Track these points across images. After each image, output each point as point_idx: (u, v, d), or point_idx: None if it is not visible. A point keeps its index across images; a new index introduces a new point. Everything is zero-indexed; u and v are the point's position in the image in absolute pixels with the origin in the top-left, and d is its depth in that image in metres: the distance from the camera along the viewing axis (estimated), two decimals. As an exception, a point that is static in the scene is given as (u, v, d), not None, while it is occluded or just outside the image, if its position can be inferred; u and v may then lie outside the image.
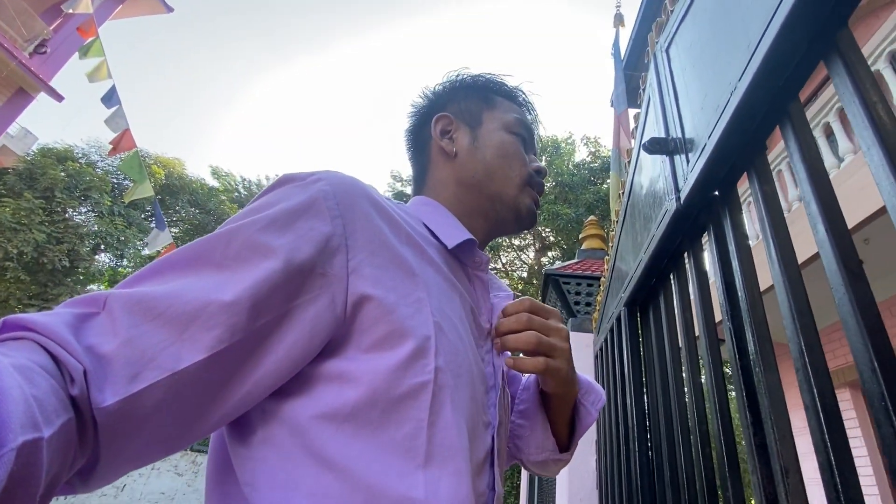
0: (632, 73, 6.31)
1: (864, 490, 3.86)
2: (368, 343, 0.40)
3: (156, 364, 0.31)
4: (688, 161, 0.93)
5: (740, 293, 0.77)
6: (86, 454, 0.29)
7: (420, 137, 0.64)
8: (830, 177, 3.42)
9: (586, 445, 1.95)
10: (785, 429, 0.66)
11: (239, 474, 0.39)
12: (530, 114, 0.67)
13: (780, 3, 0.59)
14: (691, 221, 1.01)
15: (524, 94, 0.67)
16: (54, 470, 0.25)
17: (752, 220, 4.28)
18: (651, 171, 1.26)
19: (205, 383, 0.33)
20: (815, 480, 0.55)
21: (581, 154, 15.63)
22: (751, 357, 0.73)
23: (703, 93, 0.87)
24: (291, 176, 0.44)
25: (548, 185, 14.78)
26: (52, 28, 6.40)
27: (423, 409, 0.39)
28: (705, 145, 0.83)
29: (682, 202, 0.95)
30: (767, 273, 0.89)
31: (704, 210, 0.95)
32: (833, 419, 0.55)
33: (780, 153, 4.04)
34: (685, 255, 1.07)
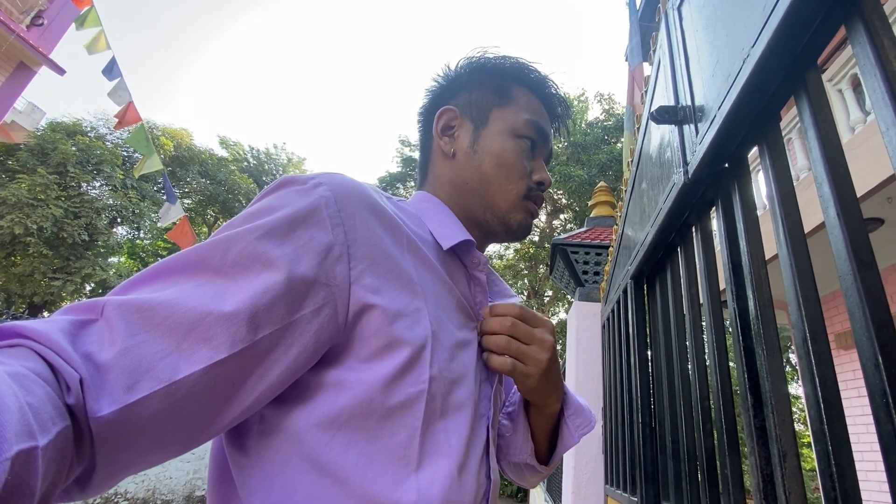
0: (648, 25, 5.97)
1: (866, 454, 3.91)
2: (367, 353, 0.40)
3: (153, 374, 0.30)
4: (697, 132, 0.89)
5: (746, 274, 0.75)
6: (83, 462, 0.29)
7: (428, 122, 0.62)
8: (856, 132, 3.28)
9: (593, 411, 1.99)
10: (785, 413, 0.65)
11: (237, 479, 0.40)
12: (555, 110, 0.62)
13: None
14: (699, 195, 0.97)
15: (554, 85, 0.61)
16: (50, 478, 0.25)
17: (759, 191, 4.14)
18: (660, 140, 1.20)
19: (204, 394, 0.33)
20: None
21: (594, 112, 15.14)
22: (754, 339, 0.72)
23: (714, 58, 0.81)
24: (291, 179, 0.43)
25: (560, 145, 14.41)
26: (46, -2, 6.25)
27: (416, 418, 0.40)
28: (715, 116, 0.78)
29: (689, 176, 0.91)
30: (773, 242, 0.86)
31: (713, 184, 0.91)
32: (834, 410, 0.53)
33: (791, 121, 3.85)
34: (693, 228, 1.04)
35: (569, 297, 2.61)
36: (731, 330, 0.80)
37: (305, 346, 0.37)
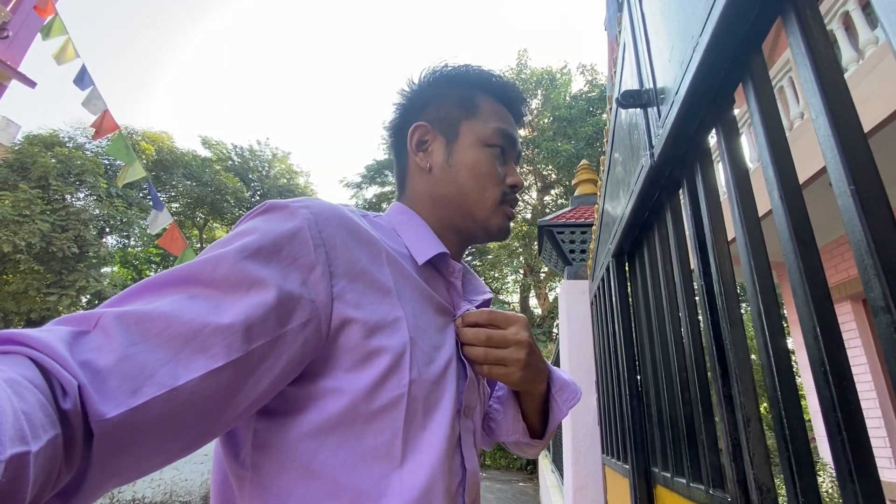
0: (624, -8, 5.89)
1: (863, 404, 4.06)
2: (350, 363, 0.44)
3: (155, 380, 0.32)
4: (659, 115, 0.91)
5: (710, 252, 0.78)
6: (71, 470, 0.29)
7: (400, 137, 0.63)
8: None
9: (586, 385, 2.06)
10: (748, 382, 0.69)
11: (236, 488, 0.43)
12: (519, 112, 0.64)
13: (736, -48, 0.55)
14: (667, 176, 1.00)
15: (515, 89, 0.64)
16: (38, 486, 0.25)
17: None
18: (629, 121, 1.23)
19: (201, 400, 0.34)
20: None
21: (578, 84, 14.99)
22: (719, 313, 0.76)
23: (670, 44, 0.83)
24: (275, 204, 0.46)
25: (545, 120, 14.31)
26: (8, 9, 6.04)
27: (398, 419, 0.44)
28: (673, 101, 0.81)
29: (655, 159, 0.94)
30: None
31: (679, 165, 0.94)
32: (786, 378, 0.58)
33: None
34: (665, 207, 1.07)
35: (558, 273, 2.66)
36: (700, 305, 0.85)
37: (293, 357, 0.40)
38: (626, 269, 1.45)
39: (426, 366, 0.48)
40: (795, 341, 5.42)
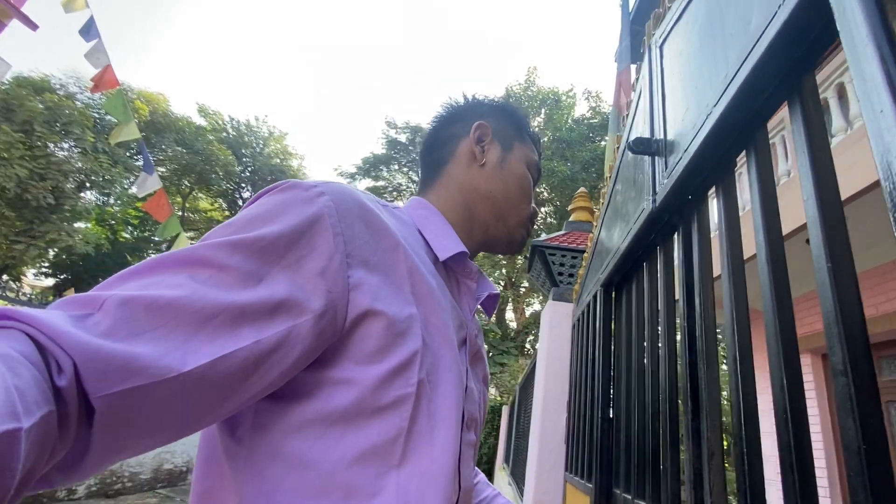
0: (639, 28, 6.08)
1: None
2: (361, 355, 0.43)
3: (161, 364, 0.31)
4: (666, 166, 0.99)
5: (697, 297, 0.86)
6: (66, 446, 0.29)
7: (448, 131, 0.67)
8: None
9: (560, 401, 2.14)
10: (716, 419, 0.77)
11: (228, 466, 0.42)
12: (540, 162, 0.74)
13: (757, 41, 0.63)
14: (664, 221, 1.08)
15: (541, 147, 0.75)
16: (30, 462, 0.25)
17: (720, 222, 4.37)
18: (636, 163, 1.31)
19: (205, 386, 0.34)
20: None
21: (581, 109, 15.32)
22: (698, 354, 0.83)
23: (685, 104, 0.91)
24: (295, 184, 0.45)
25: (545, 139, 14.55)
26: (19, -54, 5.87)
27: (404, 418, 0.43)
28: (681, 157, 0.88)
29: (656, 204, 1.02)
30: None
31: (677, 213, 1.02)
32: (751, 417, 0.65)
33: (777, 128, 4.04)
34: (658, 249, 1.15)
35: (542, 293, 2.75)
36: (680, 343, 0.92)
37: (307, 347, 0.39)
38: (613, 299, 1.54)
39: (435, 366, 0.47)
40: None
